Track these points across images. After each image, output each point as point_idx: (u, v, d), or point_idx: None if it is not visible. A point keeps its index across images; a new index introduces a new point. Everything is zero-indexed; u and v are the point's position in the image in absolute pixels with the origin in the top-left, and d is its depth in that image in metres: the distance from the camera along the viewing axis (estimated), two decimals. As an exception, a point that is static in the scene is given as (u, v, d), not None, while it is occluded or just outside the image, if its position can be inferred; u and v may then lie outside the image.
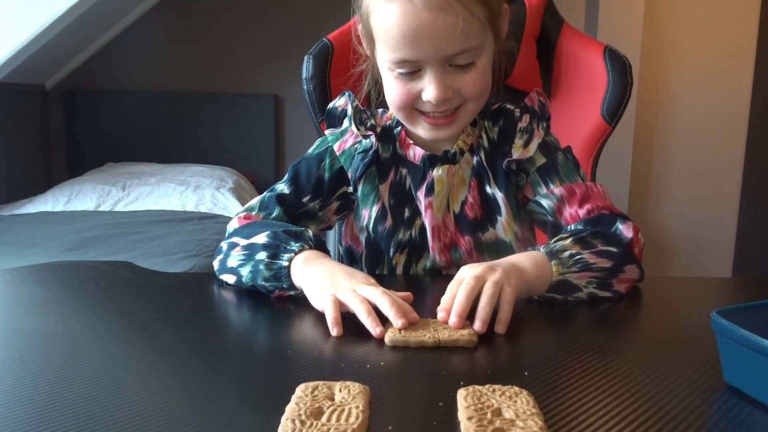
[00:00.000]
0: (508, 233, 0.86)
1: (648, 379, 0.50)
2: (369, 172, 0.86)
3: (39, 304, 0.70)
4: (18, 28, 2.44)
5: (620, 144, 2.90)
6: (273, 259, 0.72)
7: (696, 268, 3.16)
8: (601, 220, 0.79)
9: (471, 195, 0.85)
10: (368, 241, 0.89)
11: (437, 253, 0.86)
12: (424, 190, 0.84)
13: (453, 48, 0.73)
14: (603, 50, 1.07)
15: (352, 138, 0.87)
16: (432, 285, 0.83)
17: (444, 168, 0.84)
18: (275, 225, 0.78)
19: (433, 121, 0.79)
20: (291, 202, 0.86)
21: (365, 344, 0.58)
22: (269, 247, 0.73)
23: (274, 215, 0.84)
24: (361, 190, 0.87)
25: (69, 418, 0.43)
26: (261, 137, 3.19)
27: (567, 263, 0.70)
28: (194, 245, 1.95)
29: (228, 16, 3.16)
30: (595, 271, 0.71)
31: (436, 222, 0.85)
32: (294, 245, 0.72)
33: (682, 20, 2.99)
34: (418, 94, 0.77)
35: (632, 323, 0.70)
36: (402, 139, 0.87)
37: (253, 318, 0.70)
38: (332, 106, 0.92)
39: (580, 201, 0.81)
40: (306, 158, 0.89)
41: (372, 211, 0.86)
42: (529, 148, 0.84)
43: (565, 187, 0.82)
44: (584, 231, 0.75)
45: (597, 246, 0.72)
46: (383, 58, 0.78)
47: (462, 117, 0.80)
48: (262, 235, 0.75)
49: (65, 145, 3.25)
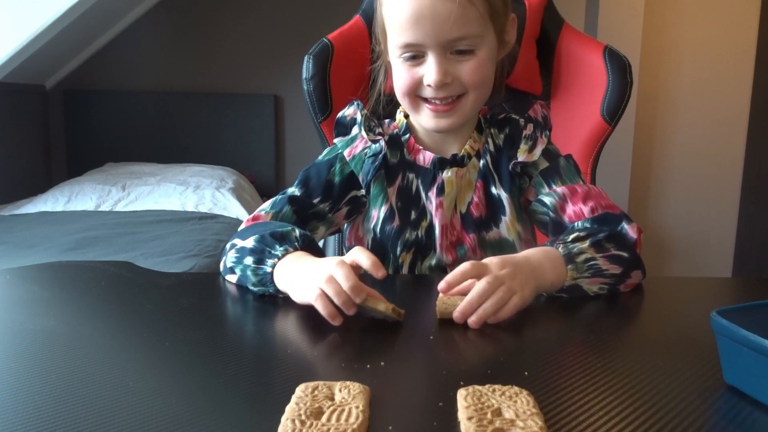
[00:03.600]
0: (512, 232, 0.88)
1: (648, 379, 0.50)
2: (378, 175, 0.89)
3: (39, 304, 0.70)
4: (18, 28, 2.44)
5: (620, 144, 2.90)
6: (258, 265, 0.73)
7: (696, 268, 3.16)
8: (608, 218, 0.81)
9: (477, 195, 0.89)
10: (374, 242, 0.90)
11: (444, 251, 0.88)
12: (435, 190, 0.88)
13: (452, 33, 0.77)
14: (603, 50, 1.07)
15: (362, 144, 0.90)
16: (437, 283, 0.83)
17: (453, 170, 0.87)
18: (270, 226, 0.78)
19: (434, 108, 0.83)
20: (302, 202, 0.87)
21: (365, 344, 0.58)
22: (255, 252, 0.74)
23: (282, 214, 0.86)
24: (372, 192, 0.90)
25: (69, 418, 0.43)
26: (261, 137, 3.19)
27: (581, 269, 0.72)
28: (194, 245, 1.95)
29: (228, 16, 3.16)
30: (606, 278, 0.73)
31: (445, 221, 0.88)
32: (278, 249, 0.73)
33: (682, 20, 2.99)
34: (421, 80, 0.81)
35: (632, 323, 0.70)
36: (411, 146, 0.90)
37: (253, 318, 0.70)
38: (341, 116, 0.94)
39: (584, 198, 0.83)
40: (316, 164, 0.92)
41: (380, 211, 0.89)
42: (534, 153, 0.87)
43: (567, 186, 0.85)
44: (599, 233, 0.76)
45: (610, 250, 0.74)
46: (393, 46, 0.83)
47: (462, 107, 0.83)
48: (251, 239, 0.76)
49: (65, 145, 3.25)
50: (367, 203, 0.91)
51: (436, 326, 0.62)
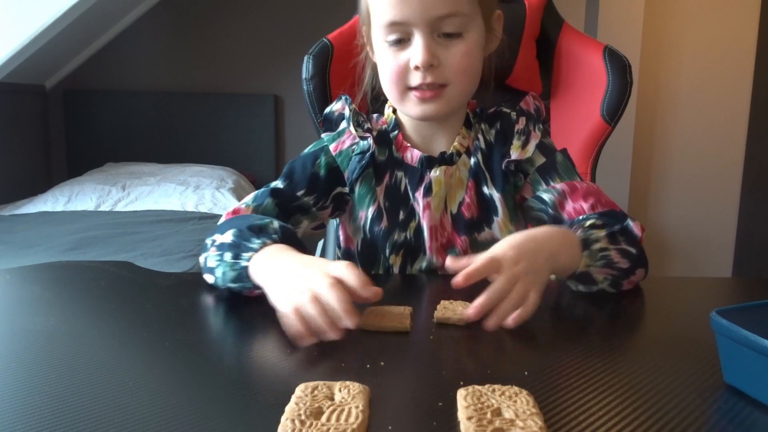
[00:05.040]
0: (504, 233, 0.86)
1: (648, 379, 0.50)
2: (366, 174, 0.87)
3: (39, 304, 0.70)
4: (18, 28, 2.45)
5: (620, 144, 2.90)
6: (236, 260, 0.70)
7: (696, 268, 3.16)
8: (614, 214, 0.79)
9: (468, 195, 0.86)
10: (364, 242, 0.89)
11: (434, 254, 0.86)
12: (422, 191, 0.85)
13: (439, 9, 0.75)
14: (603, 50, 1.06)
15: (349, 139, 0.88)
16: (429, 284, 0.83)
17: (441, 169, 0.85)
18: (248, 220, 0.75)
19: (421, 95, 0.80)
20: (285, 195, 0.85)
21: (365, 344, 0.58)
22: (233, 247, 0.71)
23: (263, 206, 0.83)
24: (358, 192, 0.87)
25: (69, 418, 0.43)
26: (261, 137, 3.19)
27: (595, 257, 0.70)
28: (194, 245, 1.95)
29: (228, 16, 3.16)
30: (614, 270, 0.72)
31: (434, 222, 0.85)
32: (255, 242, 0.70)
33: (682, 20, 2.99)
34: (407, 65, 0.78)
35: (632, 323, 0.70)
36: (399, 143, 0.88)
37: (253, 318, 0.70)
38: (329, 111, 0.92)
39: (584, 195, 0.81)
40: (301, 156, 0.89)
41: (368, 212, 0.87)
42: (527, 149, 0.84)
43: (566, 183, 0.83)
44: (614, 225, 0.74)
45: (621, 243, 0.73)
46: (378, 29, 0.80)
47: (448, 94, 0.80)
48: (229, 233, 0.73)
49: (65, 145, 3.25)
50: (350, 201, 0.89)
51: (435, 326, 0.62)
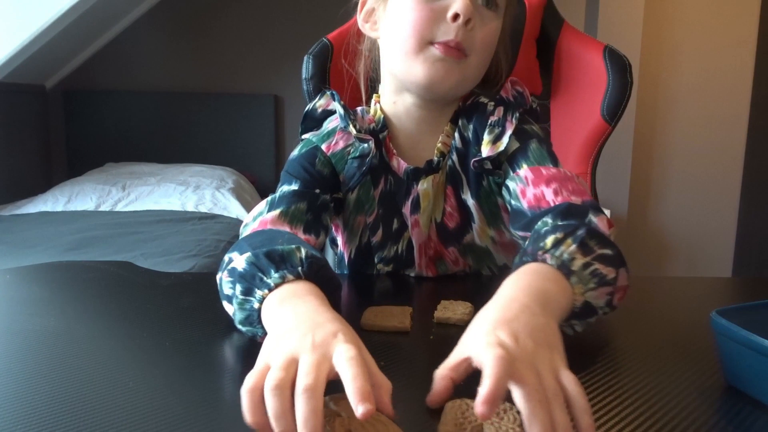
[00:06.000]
0: (484, 239, 0.81)
1: (648, 379, 0.50)
2: (365, 180, 0.79)
3: (39, 304, 0.70)
4: (18, 28, 2.45)
5: (620, 144, 2.90)
6: (246, 296, 0.55)
7: (696, 268, 3.16)
8: (570, 210, 0.65)
9: (449, 204, 0.80)
10: (358, 250, 0.84)
11: (423, 268, 0.83)
12: (410, 206, 0.79)
13: None
14: (603, 50, 1.06)
15: (342, 140, 0.78)
16: (428, 284, 0.83)
17: (428, 180, 0.78)
18: (271, 242, 0.59)
19: (445, 49, 0.70)
20: (308, 195, 0.73)
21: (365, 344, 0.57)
22: (245, 278, 0.56)
23: (292, 211, 0.71)
24: (356, 197, 0.80)
25: (69, 418, 0.43)
26: (261, 137, 3.19)
27: (585, 278, 0.55)
28: (194, 245, 1.95)
29: (228, 16, 3.16)
30: (609, 285, 0.57)
31: (423, 239, 0.81)
32: (273, 276, 0.54)
33: (682, 20, 2.99)
34: (441, 14, 0.70)
35: (632, 323, 0.70)
36: (387, 146, 0.80)
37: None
38: (311, 108, 0.82)
39: (547, 181, 0.70)
40: (296, 158, 0.78)
41: (367, 219, 0.81)
42: (500, 143, 0.74)
43: (531, 168, 0.72)
44: (576, 229, 0.58)
45: (595, 249, 0.57)
46: None
47: (465, 68, 0.73)
48: (243, 258, 0.57)
49: (65, 145, 3.25)
50: (346, 205, 0.81)
51: (435, 326, 0.62)
